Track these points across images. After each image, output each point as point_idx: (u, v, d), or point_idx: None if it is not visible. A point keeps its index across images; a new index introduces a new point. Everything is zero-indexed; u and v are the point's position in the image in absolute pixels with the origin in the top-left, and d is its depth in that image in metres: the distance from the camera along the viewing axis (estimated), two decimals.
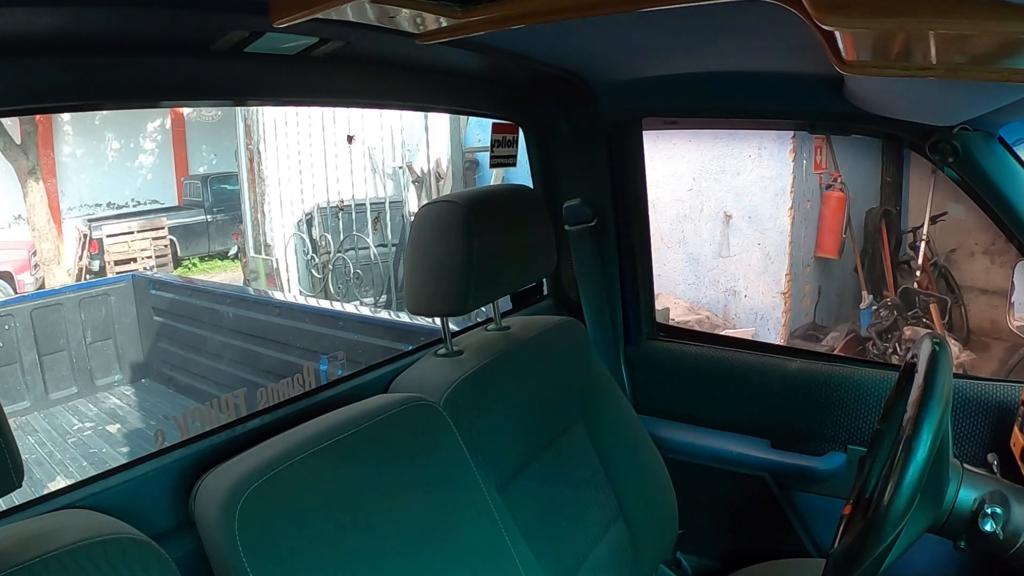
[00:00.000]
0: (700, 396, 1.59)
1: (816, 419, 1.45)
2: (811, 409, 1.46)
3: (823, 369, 1.48)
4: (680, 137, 4.83)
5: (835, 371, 1.47)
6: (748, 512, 1.56)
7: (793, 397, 1.48)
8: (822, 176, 5.07)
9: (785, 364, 1.51)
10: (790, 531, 1.51)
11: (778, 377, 1.50)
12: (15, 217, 9.10)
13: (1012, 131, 1.19)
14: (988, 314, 4.70)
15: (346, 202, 6.17)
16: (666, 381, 1.64)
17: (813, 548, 1.50)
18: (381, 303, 5.96)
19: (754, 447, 1.51)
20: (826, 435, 1.45)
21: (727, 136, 4.78)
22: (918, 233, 4.94)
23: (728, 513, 1.59)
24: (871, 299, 5.12)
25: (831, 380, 1.45)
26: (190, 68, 0.98)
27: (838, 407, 1.43)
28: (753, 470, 1.51)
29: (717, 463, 1.55)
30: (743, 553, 1.55)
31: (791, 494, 1.50)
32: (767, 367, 1.53)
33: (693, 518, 1.51)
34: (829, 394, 1.44)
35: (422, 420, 1.06)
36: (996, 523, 0.88)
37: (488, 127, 1.58)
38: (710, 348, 1.63)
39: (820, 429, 1.45)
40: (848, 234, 5.17)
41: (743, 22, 0.93)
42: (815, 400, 1.45)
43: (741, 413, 1.53)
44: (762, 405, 1.51)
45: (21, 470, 0.68)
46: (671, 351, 1.65)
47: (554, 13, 0.73)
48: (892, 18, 0.56)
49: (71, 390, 4.78)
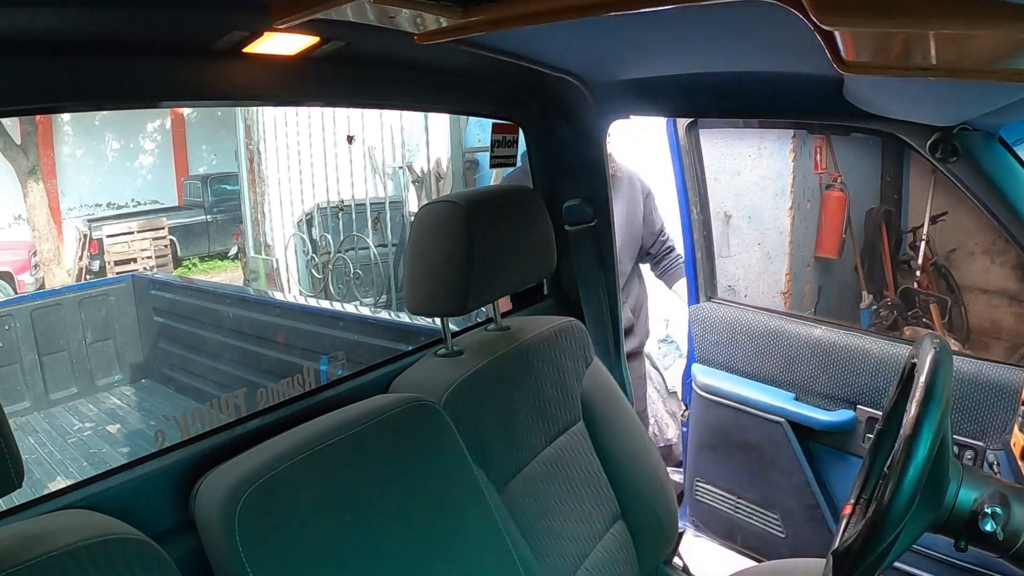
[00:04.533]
0: (742, 351, 1.88)
1: (833, 379, 1.69)
2: (830, 370, 1.70)
3: (842, 337, 1.71)
4: None
5: (852, 340, 1.69)
6: (765, 451, 1.82)
7: (816, 359, 1.72)
8: (822, 176, 5.07)
9: (811, 329, 1.76)
10: (796, 472, 1.77)
11: (805, 340, 1.75)
12: (15, 217, 9.09)
13: (1012, 131, 1.19)
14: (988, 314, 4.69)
15: (346, 202, 6.16)
16: (719, 338, 1.92)
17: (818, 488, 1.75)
18: (381, 303, 5.95)
19: (779, 398, 1.79)
20: (840, 394, 1.69)
21: (726, 136, 4.77)
22: (918, 233, 4.93)
23: (746, 450, 1.86)
24: (871, 299, 5.11)
25: (849, 347, 1.68)
26: (190, 68, 0.97)
27: (852, 371, 1.66)
28: (775, 416, 1.78)
29: (747, 406, 1.84)
30: (755, 488, 1.87)
31: (804, 442, 1.75)
32: (797, 331, 1.78)
33: (714, 452, 1.79)
34: (846, 359, 1.67)
35: (422, 420, 1.06)
36: (996, 523, 0.88)
37: (488, 127, 1.58)
38: (753, 312, 1.92)
39: (836, 389, 1.69)
40: (848, 234, 5.16)
41: (743, 22, 0.93)
42: (834, 363, 1.69)
43: (773, 368, 1.81)
44: (790, 363, 1.78)
45: (21, 470, 0.68)
46: (725, 313, 1.94)
47: (554, 14, 0.73)
48: (892, 18, 0.55)
49: (71, 390, 4.78)
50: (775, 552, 1.89)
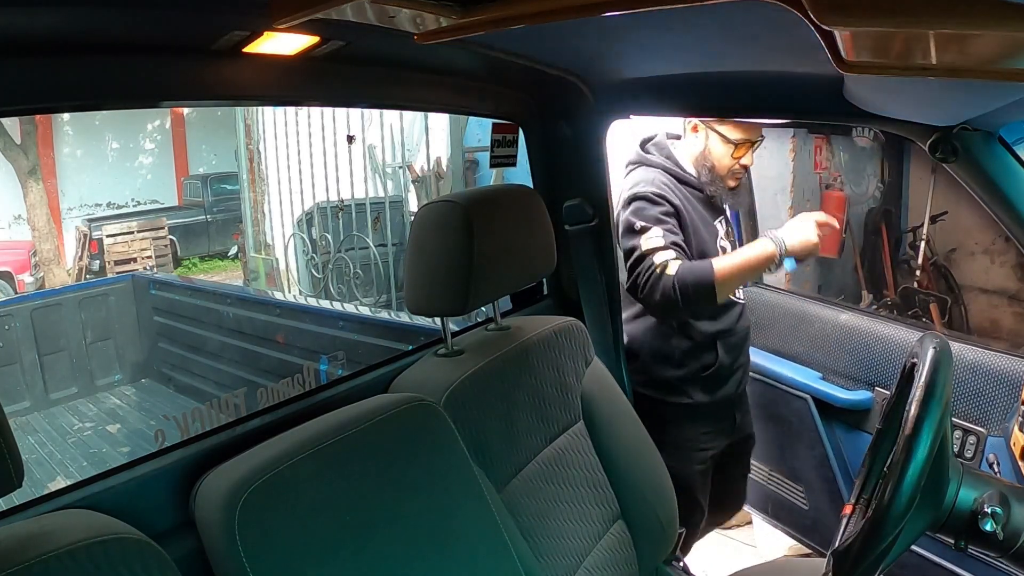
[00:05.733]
0: (774, 330, 2.02)
1: (854, 361, 1.82)
2: (852, 353, 1.83)
3: (865, 323, 1.85)
4: None
5: (874, 326, 1.83)
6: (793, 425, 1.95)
7: (840, 341, 1.85)
8: (822, 176, 5.06)
9: (838, 315, 1.91)
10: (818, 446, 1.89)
11: (831, 324, 1.90)
12: (15, 217, 9.09)
13: (1012, 131, 1.19)
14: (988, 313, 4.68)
15: (346, 201, 6.16)
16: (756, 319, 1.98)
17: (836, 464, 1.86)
18: (381, 303, 5.95)
19: (805, 376, 1.93)
20: (860, 376, 1.81)
21: None
22: (918, 232, 4.93)
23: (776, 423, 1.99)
24: (871, 298, 5.11)
25: (870, 332, 1.81)
26: (190, 68, 0.97)
27: (872, 355, 1.79)
28: (801, 392, 1.91)
29: (777, 381, 1.98)
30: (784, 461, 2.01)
31: (824, 418, 1.87)
32: (824, 316, 1.93)
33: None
34: (867, 343, 1.80)
35: (422, 420, 1.06)
36: (996, 523, 0.88)
37: (488, 126, 1.58)
38: (786, 296, 2.07)
39: (856, 370, 1.81)
40: (848, 234, 5.15)
41: (742, 22, 0.93)
42: (856, 346, 1.82)
43: (801, 347, 1.95)
44: (817, 344, 1.92)
45: (21, 470, 0.68)
46: (760, 296, 2.07)
47: (554, 14, 0.73)
48: (892, 18, 0.55)
49: (71, 390, 4.78)
50: (799, 524, 2.03)
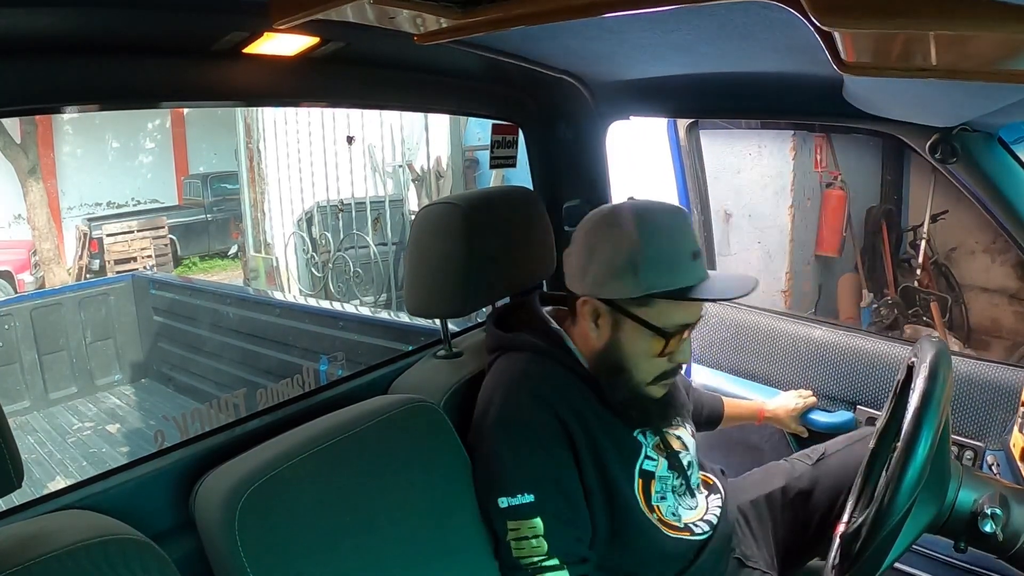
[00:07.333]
0: (742, 352, 1.84)
1: (832, 380, 1.66)
2: (829, 371, 1.67)
3: (842, 338, 1.69)
4: None
5: (851, 341, 1.67)
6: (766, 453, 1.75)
7: (815, 359, 1.70)
8: (822, 175, 5.06)
9: (811, 330, 1.74)
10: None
11: (804, 341, 1.73)
12: (15, 217, 9.09)
13: (1012, 131, 1.19)
14: (988, 312, 4.68)
15: (346, 201, 6.16)
16: (719, 339, 1.88)
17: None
18: (381, 302, 5.95)
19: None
20: (839, 395, 1.65)
21: (726, 135, 4.77)
22: (918, 232, 4.92)
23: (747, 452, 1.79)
24: (871, 297, 5.11)
25: (848, 348, 1.65)
26: (190, 69, 0.97)
27: (851, 372, 1.63)
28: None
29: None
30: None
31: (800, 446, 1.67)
32: (796, 332, 1.76)
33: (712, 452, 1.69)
34: (845, 359, 1.65)
35: (422, 421, 1.06)
36: (996, 524, 0.88)
37: (488, 126, 1.57)
38: (753, 312, 1.88)
39: (835, 389, 1.65)
40: (848, 232, 5.15)
41: (743, 23, 0.93)
42: (833, 363, 1.67)
43: (773, 369, 1.78)
44: (790, 364, 1.75)
45: (21, 470, 0.68)
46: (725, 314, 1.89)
47: (553, 15, 0.73)
48: (891, 19, 0.55)
49: (71, 390, 4.78)
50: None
